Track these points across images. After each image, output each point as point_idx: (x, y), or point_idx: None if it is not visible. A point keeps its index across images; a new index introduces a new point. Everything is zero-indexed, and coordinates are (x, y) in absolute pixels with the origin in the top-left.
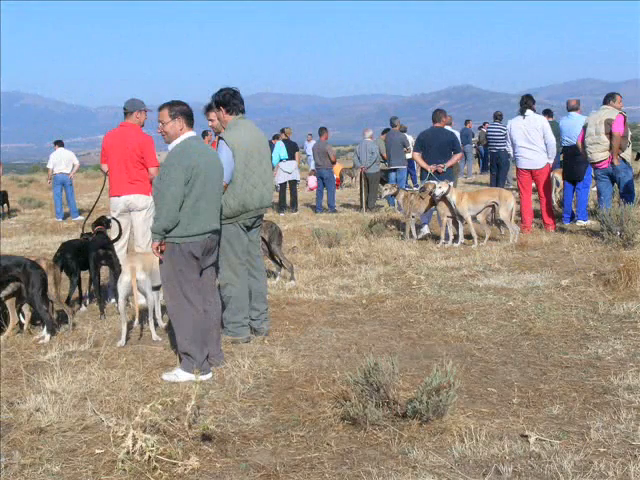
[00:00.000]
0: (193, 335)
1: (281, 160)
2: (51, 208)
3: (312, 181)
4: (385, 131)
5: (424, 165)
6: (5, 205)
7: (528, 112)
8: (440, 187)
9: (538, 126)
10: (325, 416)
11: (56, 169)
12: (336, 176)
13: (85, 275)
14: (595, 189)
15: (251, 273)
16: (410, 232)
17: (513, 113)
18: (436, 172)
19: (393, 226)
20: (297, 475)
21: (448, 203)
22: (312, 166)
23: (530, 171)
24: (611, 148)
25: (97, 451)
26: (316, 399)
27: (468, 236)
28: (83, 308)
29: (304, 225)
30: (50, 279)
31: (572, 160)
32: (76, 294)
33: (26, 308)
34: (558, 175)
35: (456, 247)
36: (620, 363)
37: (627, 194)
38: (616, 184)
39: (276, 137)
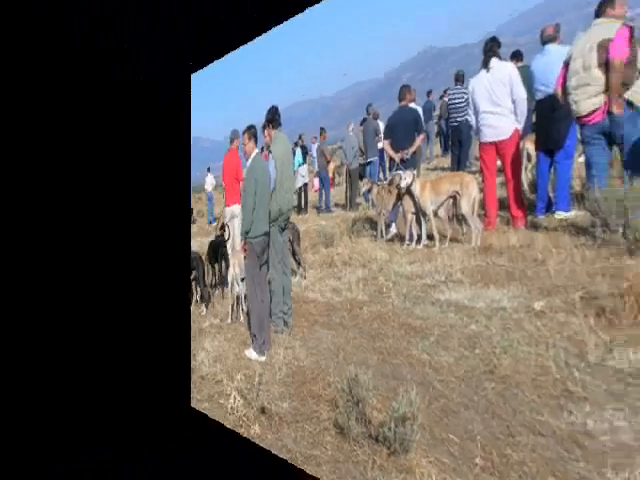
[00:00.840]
0: (259, 320)
1: (299, 165)
2: (205, 217)
3: (316, 182)
4: (363, 121)
5: (391, 153)
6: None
7: (493, 62)
8: (405, 178)
9: (504, 78)
10: (323, 418)
11: (209, 189)
12: (331, 175)
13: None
14: (582, 159)
15: (283, 271)
16: (381, 231)
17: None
18: (402, 160)
19: (368, 225)
20: (308, 468)
21: (412, 196)
22: (316, 168)
23: (495, 144)
24: (608, 88)
25: (221, 401)
26: (318, 398)
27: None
28: (215, 292)
29: (310, 226)
30: (205, 268)
31: (548, 119)
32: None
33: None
34: (530, 145)
35: (419, 249)
36: (624, 453)
37: (636, 162)
38: (616, 147)
39: (295, 144)
